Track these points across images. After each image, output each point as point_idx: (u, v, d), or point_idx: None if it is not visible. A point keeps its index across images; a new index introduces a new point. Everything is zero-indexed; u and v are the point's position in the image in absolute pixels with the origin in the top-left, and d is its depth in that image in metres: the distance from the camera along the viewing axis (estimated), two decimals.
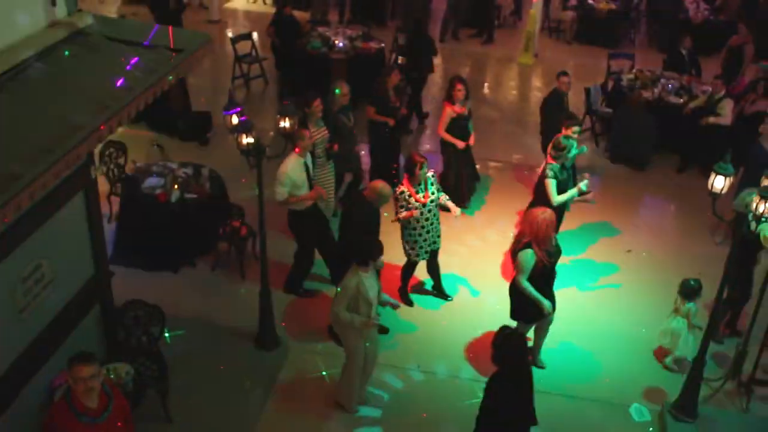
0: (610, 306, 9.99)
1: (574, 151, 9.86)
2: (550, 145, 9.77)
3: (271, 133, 12.89)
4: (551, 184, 9.54)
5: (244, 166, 7.94)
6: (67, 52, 6.47)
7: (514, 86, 17.40)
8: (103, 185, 9.59)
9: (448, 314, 9.63)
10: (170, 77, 6.65)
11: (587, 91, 14.37)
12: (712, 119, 12.65)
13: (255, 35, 16.43)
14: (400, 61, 16.05)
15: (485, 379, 8.45)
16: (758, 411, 8.42)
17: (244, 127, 7.63)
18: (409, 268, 9.59)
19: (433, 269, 9.75)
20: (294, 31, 15.32)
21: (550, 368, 8.87)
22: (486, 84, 17.37)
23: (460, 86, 11.04)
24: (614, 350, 9.21)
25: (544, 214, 8.00)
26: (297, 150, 8.89)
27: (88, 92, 6.10)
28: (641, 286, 10.38)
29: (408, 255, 9.39)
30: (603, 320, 9.68)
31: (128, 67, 6.46)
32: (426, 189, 9.12)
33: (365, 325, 7.50)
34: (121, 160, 10.88)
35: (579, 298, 10.04)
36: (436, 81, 16.93)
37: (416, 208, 8.99)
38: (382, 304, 7.91)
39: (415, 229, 9.17)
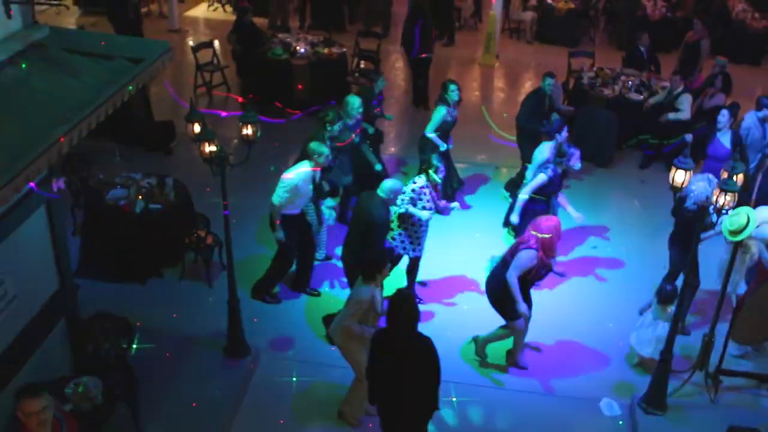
0: (577, 302, 10.08)
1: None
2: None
3: (235, 141, 12.83)
4: (540, 178, 9.74)
5: (208, 175, 7.90)
6: (24, 65, 6.40)
7: (476, 87, 17.47)
8: (66, 198, 9.56)
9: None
10: (130, 87, 6.60)
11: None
12: (671, 115, 12.80)
13: (216, 43, 16.36)
14: (363, 66, 16.09)
15: (465, 381, 8.60)
16: (726, 401, 8.52)
17: (206, 136, 7.59)
18: (414, 266, 9.61)
19: (412, 273, 9.74)
20: (255, 38, 15.29)
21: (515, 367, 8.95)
22: None
23: (455, 88, 11.29)
24: (581, 346, 9.30)
25: (550, 221, 8.23)
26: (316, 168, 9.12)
27: (46, 105, 6.03)
28: (607, 282, 10.49)
29: (408, 253, 9.38)
30: (570, 317, 9.75)
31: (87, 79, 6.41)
32: (438, 197, 9.38)
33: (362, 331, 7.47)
34: (84, 173, 10.78)
35: (545, 296, 10.09)
36: (398, 84, 16.99)
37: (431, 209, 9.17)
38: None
39: (422, 226, 9.24)
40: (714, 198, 7.18)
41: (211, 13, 21.05)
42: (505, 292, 8.21)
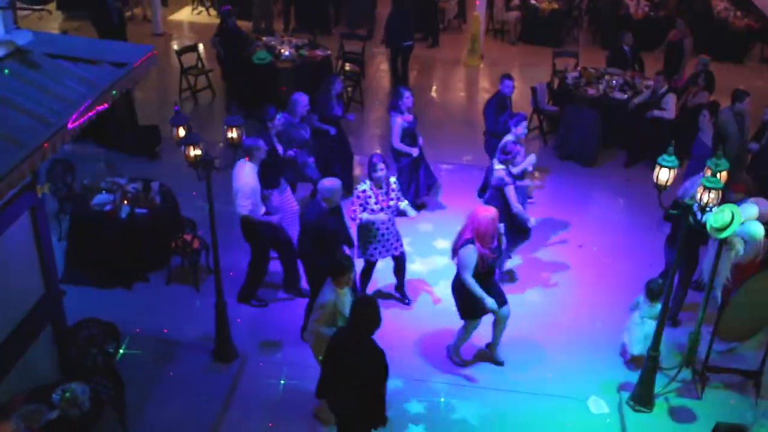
0: (563, 301, 10.11)
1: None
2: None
3: (221, 145, 12.82)
4: (512, 190, 9.60)
5: (194, 179, 7.89)
6: (6, 71, 6.39)
7: (461, 88, 17.51)
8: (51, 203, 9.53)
9: (404, 318, 9.66)
10: (114, 92, 6.60)
11: (533, 90, 14.52)
12: (656, 112, 12.86)
13: (200, 47, 16.34)
14: (348, 68, 16.10)
15: (442, 381, 8.61)
16: (713, 397, 8.57)
17: (191, 140, 7.58)
18: (368, 271, 9.58)
19: (400, 272, 9.77)
20: (239, 41, 15.27)
21: (506, 366, 8.95)
22: (434, 87, 17.44)
23: (408, 95, 11.13)
24: (569, 345, 9.31)
25: (486, 212, 8.09)
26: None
27: (29, 110, 6.02)
28: (593, 280, 10.51)
29: (362, 256, 9.37)
30: (556, 316, 9.78)
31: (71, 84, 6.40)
32: (387, 193, 9.18)
33: None
34: (69, 178, 10.75)
35: (532, 295, 10.15)
36: (383, 86, 17.01)
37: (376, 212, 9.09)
38: None
39: (370, 231, 9.19)
40: (698, 195, 7.22)
41: (195, 17, 21.02)
42: (466, 291, 8.19)
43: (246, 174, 8.98)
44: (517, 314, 9.19)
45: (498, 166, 9.57)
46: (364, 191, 9.08)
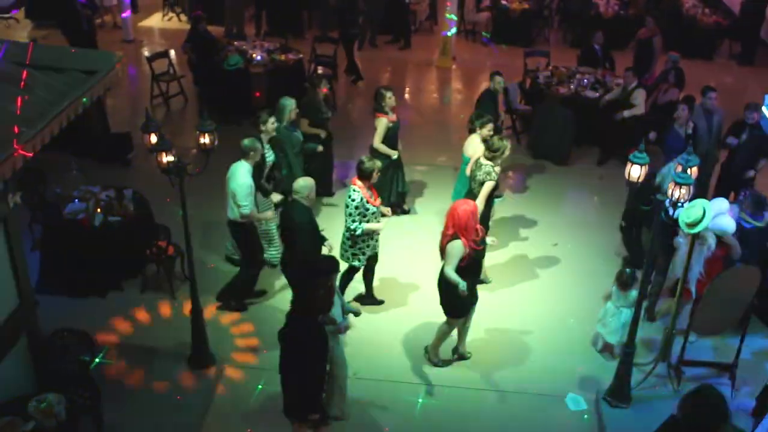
0: (539, 299, 10.17)
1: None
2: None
3: (194, 150, 12.77)
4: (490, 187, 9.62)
5: (168, 186, 7.86)
6: None
7: (434, 89, 17.56)
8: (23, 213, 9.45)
9: (379, 319, 9.67)
10: (85, 99, 6.56)
11: (506, 90, 14.53)
12: (626, 113, 12.96)
13: (172, 53, 16.28)
14: (321, 71, 16.10)
15: (419, 381, 8.62)
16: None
17: (163, 147, 7.55)
18: (351, 273, 9.52)
19: (370, 274, 9.75)
20: (210, 46, 15.23)
21: (483, 364, 8.99)
22: (407, 89, 17.48)
23: (390, 95, 11.14)
24: (545, 342, 9.37)
25: (465, 205, 8.10)
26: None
27: None
28: (568, 277, 10.59)
29: (349, 260, 9.31)
30: (532, 313, 9.83)
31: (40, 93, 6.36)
32: (375, 193, 9.19)
33: (338, 330, 7.46)
34: (41, 187, 10.67)
35: (507, 293, 10.19)
36: (356, 89, 17.02)
37: (377, 218, 9.08)
38: (345, 312, 7.89)
39: (371, 238, 9.19)
40: (669, 191, 7.29)
41: (166, 23, 20.91)
42: (449, 285, 8.19)
43: (243, 174, 9.01)
44: (492, 313, 9.25)
45: (485, 162, 9.61)
46: (362, 199, 8.93)
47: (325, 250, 8.84)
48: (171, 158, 7.55)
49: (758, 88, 16.99)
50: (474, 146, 10.30)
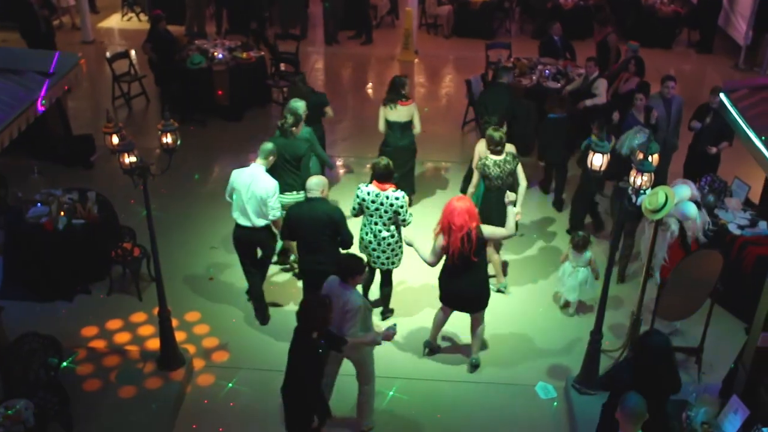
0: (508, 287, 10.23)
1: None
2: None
3: (158, 151, 12.67)
4: (475, 177, 9.74)
5: (132, 187, 7.78)
6: None
7: None
8: None
9: None
10: (43, 101, 6.50)
11: (468, 83, 14.63)
12: (588, 102, 13.05)
13: (132, 53, 16.14)
14: (282, 68, 16.04)
15: (390, 375, 8.64)
16: None
17: (125, 147, 7.49)
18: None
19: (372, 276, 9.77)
20: (171, 46, 15.11)
21: (452, 357, 9.02)
22: (369, 84, 17.48)
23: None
24: (512, 332, 9.43)
25: (458, 202, 8.10)
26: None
27: None
28: (535, 267, 10.66)
29: (394, 264, 9.22)
30: (497, 304, 9.84)
31: None
32: None
33: (388, 336, 7.35)
34: (2, 192, 10.54)
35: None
36: (318, 85, 16.97)
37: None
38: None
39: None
40: (631, 179, 7.36)
41: (126, 23, 20.72)
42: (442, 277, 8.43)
43: (268, 176, 8.90)
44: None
45: (489, 157, 9.68)
46: (405, 198, 8.90)
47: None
48: (133, 159, 7.49)
49: (716, 75, 17.25)
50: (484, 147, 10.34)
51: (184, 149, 8.70)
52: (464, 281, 8.31)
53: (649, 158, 7.53)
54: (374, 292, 9.69)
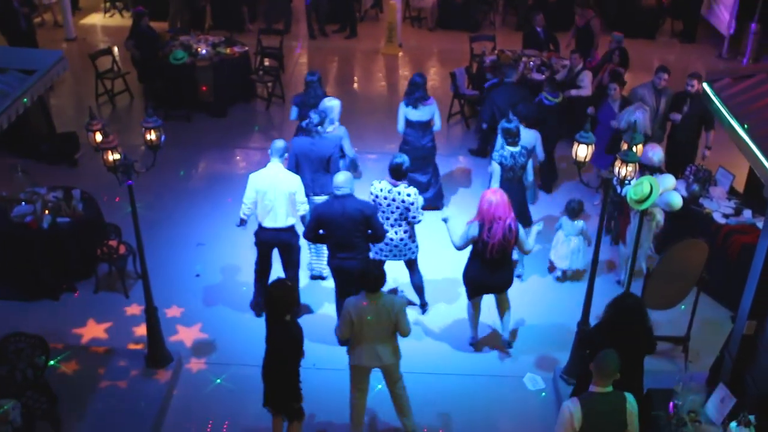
0: None
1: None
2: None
3: (142, 148, 12.63)
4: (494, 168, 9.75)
5: (117, 184, 7.75)
6: None
7: (381, 77, 17.55)
8: None
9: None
10: (25, 99, 6.46)
11: (453, 76, 14.63)
12: (573, 92, 13.08)
13: (115, 50, 16.04)
14: (267, 63, 16.00)
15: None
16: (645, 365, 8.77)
17: (109, 144, 7.45)
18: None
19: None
20: (154, 42, 15.05)
21: (441, 349, 9.04)
22: (354, 77, 17.46)
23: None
24: (499, 324, 9.41)
25: (494, 195, 8.18)
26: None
27: None
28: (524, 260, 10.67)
29: (414, 254, 9.27)
30: (488, 297, 9.89)
31: None
32: None
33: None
34: None
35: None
36: (302, 80, 16.91)
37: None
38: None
39: None
40: (616, 170, 7.38)
41: (108, 20, 20.59)
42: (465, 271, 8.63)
43: (290, 173, 8.88)
44: (445, 298, 9.27)
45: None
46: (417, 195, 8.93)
47: None
48: (117, 156, 7.46)
49: (700, 65, 17.32)
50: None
51: (168, 146, 8.68)
52: (497, 275, 8.48)
53: (634, 149, 7.56)
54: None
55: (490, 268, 8.38)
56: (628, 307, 6.73)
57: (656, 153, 9.75)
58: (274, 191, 8.71)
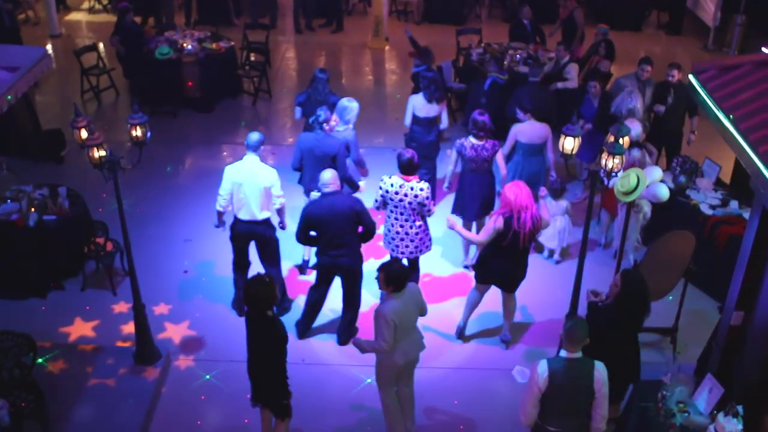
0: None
1: None
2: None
3: (128, 144, 12.58)
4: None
5: (103, 181, 7.71)
6: None
7: (369, 71, 17.53)
8: None
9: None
10: (9, 96, 6.42)
11: (439, 69, 14.58)
12: (560, 84, 13.10)
13: (100, 46, 15.97)
14: (253, 58, 15.96)
15: (365, 364, 8.64)
16: None
17: (94, 141, 7.41)
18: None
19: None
20: (139, 37, 14.97)
21: (429, 343, 8.97)
22: (341, 72, 17.42)
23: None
24: (488, 317, 9.44)
25: (515, 187, 8.24)
26: None
27: None
28: None
29: (414, 253, 9.21)
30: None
31: None
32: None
33: None
34: None
35: (450, 270, 10.25)
36: (290, 74, 16.90)
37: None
38: None
39: None
40: (603, 162, 7.40)
41: (93, 16, 20.48)
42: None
43: (267, 166, 8.86)
44: (438, 291, 9.25)
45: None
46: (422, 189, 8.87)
47: None
48: (103, 153, 7.42)
49: (686, 57, 17.36)
50: None
51: (155, 142, 8.64)
52: (517, 263, 8.56)
53: (620, 141, 7.57)
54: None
55: (517, 259, 8.47)
56: (639, 276, 7.26)
57: (634, 128, 9.80)
58: (249, 184, 8.69)
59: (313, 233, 8.48)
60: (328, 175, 8.33)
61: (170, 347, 8.91)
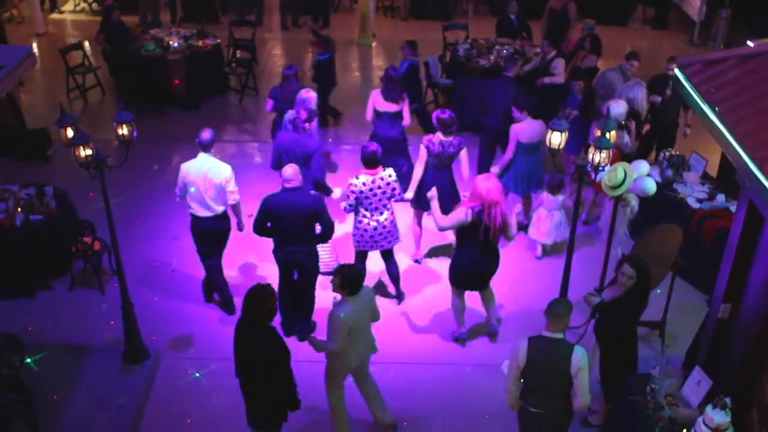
0: None
1: None
2: None
3: (116, 143, 12.53)
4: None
5: (90, 180, 7.68)
6: None
7: (356, 68, 17.51)
8: None
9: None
10: None
11: (426, 65, 14.62)
12: (546, 80, 13.12)
13: (86, 44, 15.89)
14: (239, 55, 15.92)
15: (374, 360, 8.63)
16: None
17: (80, 140, 7.38)
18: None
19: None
20: (124, 35, 14.91)
21: (418, 339, 9.05)
22: None
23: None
24: (480, 312, 9.43)
25: (487, 181, 8.17)
26: None
27: None
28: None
29: (391, 243, 9.27)
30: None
31: None
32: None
33: None
34: None
35: (439, 266, 10.26)
36: (276, 72, 16.85)
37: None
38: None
39: None
40: (590, 156, 7.42)
41: (78, 15, 20.36)
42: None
43: (222, 163, 8.87)
44: (425, 287, 9.24)
45: None
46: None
47: None
48: (89, 152, 7.39)
49: (672, 51, 17.31)
50: None
51: (141, 140, 8.61)
52: (489, 259, 8.53)
53: (607, 135, 7.58)
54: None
55: (484, 253, 8.42)
56: (646, 264, 7.29)
57: (618, 106, 9.96)
58: (205, 182, 8.69)
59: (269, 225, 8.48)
60: (290, 171, 8.32)
61: (159, 346, 8.89)
